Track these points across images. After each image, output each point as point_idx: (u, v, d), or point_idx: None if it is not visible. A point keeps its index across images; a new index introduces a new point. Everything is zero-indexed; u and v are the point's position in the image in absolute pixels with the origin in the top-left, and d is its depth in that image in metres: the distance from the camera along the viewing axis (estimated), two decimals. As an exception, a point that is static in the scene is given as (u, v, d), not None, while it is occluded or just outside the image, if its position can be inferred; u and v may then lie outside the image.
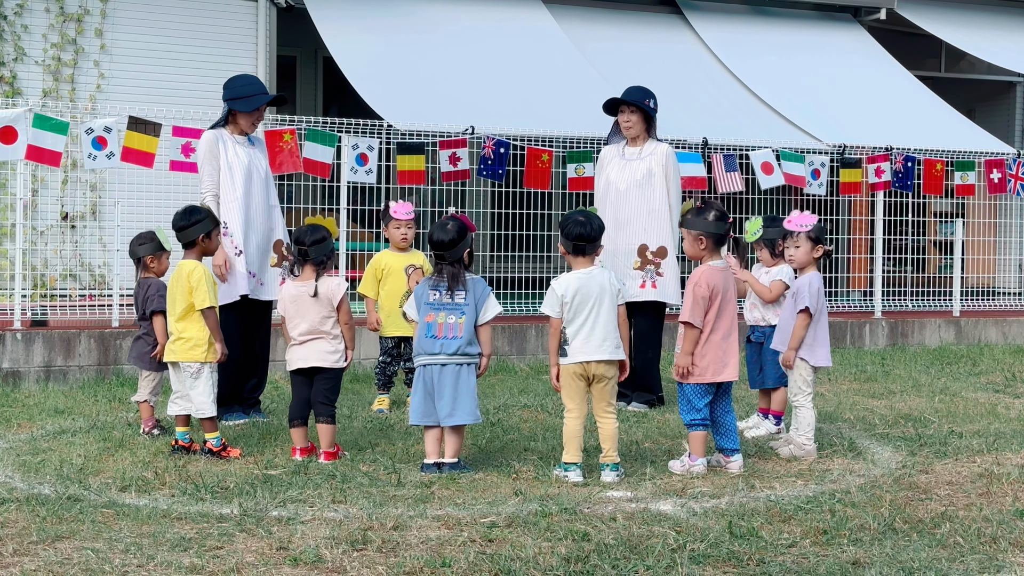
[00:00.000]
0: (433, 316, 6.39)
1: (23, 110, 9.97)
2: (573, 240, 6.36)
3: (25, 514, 5.38)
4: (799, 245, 7.01)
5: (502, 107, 12.50)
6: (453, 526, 5.22)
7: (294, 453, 6.78)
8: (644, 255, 8.70)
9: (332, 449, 6.74)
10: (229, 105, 8.04)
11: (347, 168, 11.15)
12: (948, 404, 8.95)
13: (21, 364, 9.86)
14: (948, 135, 14.18)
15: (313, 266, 6.83)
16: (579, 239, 6.35)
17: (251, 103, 8.03)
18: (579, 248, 6.37)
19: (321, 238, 6.82)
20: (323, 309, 6.78)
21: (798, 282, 7.02)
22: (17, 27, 11.95)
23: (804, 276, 7.02)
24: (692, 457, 6.43)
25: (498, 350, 11.30)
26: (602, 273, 6.37)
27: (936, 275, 14.95)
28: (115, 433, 7.45)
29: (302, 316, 6.79)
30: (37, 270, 11.75)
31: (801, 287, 6.94)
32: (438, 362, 6.37)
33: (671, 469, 6.41)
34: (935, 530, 5.20)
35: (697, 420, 6.45)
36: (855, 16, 15.96)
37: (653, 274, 8.70)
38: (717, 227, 6.49)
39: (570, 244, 6.37)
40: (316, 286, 6.78)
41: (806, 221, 7.00)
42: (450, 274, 6.41)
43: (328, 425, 6.75)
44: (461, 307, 6.38)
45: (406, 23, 13.40)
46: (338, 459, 6.69)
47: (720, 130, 12.88)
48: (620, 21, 14.76)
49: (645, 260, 8.69)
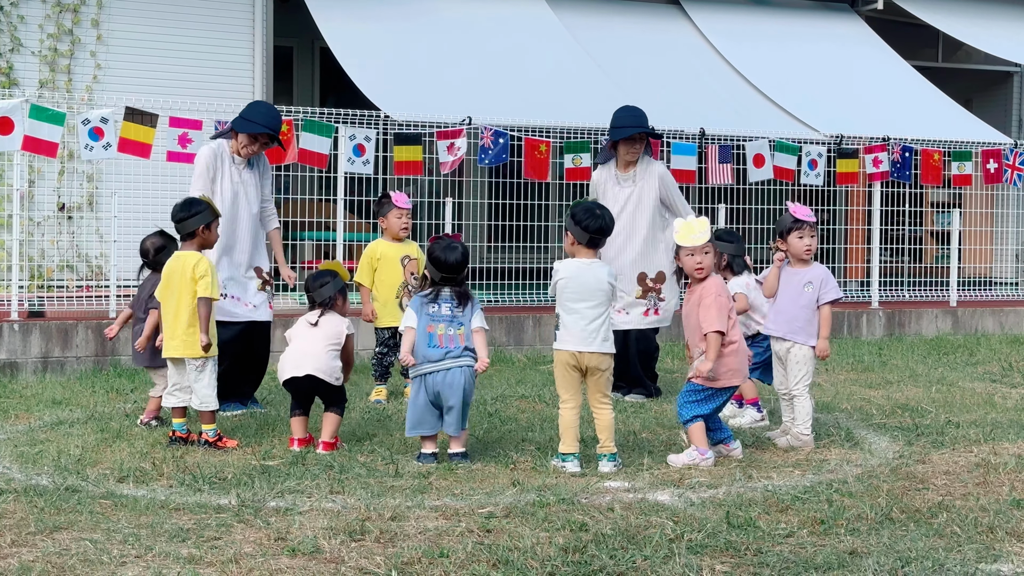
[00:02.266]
0: (433, 327, 6.42)
1: (19, 101, 9.95)
2: (592, 233, 6.35)
3: (23, 505, 5.38)
4: (814, 235, 7.03)
5: (499, 98, 12.48)
6: (451, 516, 5.22)
7: (292, 443, 6.78)
8: (644, 283, 8.69)
9: (332, 440, 6.75)
10: (231, 123, 8.04)
11: (344, 159, 11.14)
12: (945, 394, 8.96)
13: (18, 355, 9.86)
14: (945, 125, 14.17)
15: (320, 307, 6.97)
16: (598, 232, 6.36)
17: (248, 127, 7.95)
18: (595, 241, 6.39)
19: (323, 283, 7.01)
20: (329, 342, 6.84)
21: (820, 274, 7.01)
22: (13, 18, 11.93)
23: (819, 268, 7.04)
24: (701, 451, 6.42)
25: (496, 340, 11.30)
26: (602, 267, 6.38)
27: (933, 265, 14.96)
28: (113, 424, 7.45)
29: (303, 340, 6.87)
30: (34, 261, 11.74)
31: (825, 279, 6.98)
32: (444, 367, 6.38)
33: (673, 464, 6.37)
34: (932, 520, 5.20)
35: (698, 416, 6.47)
36: (852, 6, 15.95)
37: (655, 300, 8.72)
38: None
39: (586, 236, 6.36)
40: (320, 320, 6.89)
41: (808, 212, 7.03)
42: (458, 294, 6.49)
43: (336, 416, 6.82)
44: (460, 319, 6.45)
45: (403, 13, 13.38)
46: (335, 450, 6.70)
47: (717, 120, 12.87)
48: (618, 11, 14.75)
49: (646, 288, 8.69)
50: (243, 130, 7.98)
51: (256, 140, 8.03)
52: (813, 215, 7.04)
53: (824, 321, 6.99)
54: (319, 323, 6.89)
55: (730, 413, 7.89)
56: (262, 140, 8.06)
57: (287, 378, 6.85)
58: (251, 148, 8.04)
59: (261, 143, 8.07)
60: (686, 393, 6.54)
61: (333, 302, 7.01)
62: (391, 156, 11.32)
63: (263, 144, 8.09)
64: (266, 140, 8.08)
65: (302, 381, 6.79)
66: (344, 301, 7.09)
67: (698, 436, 6.45)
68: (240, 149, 8.02)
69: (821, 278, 6.98)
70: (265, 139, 8.07)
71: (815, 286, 6.95)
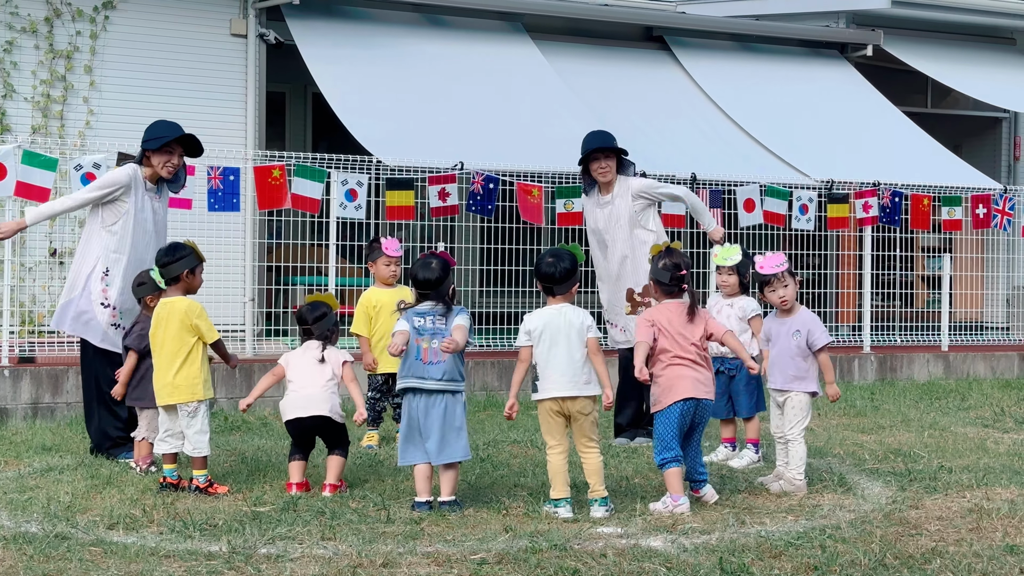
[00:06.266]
0: (419, 340, 6.41)
1: (12, 147, 9.98)
2: (541, 280, 6.48)
3: (12, 552, 5.34)
4: (787, 284, 7.02)
5: (491, 142, 12.53)
6: (443, 563, 5.19)
7: (289, 488, 6.74)
8: (632, 299, 8.72)
9: (337, 482, 6.75)
10: (143, 147, 8.05)
11: (336, 204, 11.16)
12: (938, 439, 8.95)
13: (8, 401, 9.82)
14: (935, 170, 14.23)
15: (319, 340, 6.94)
16: (545, 279, 6.45)
17: (158, 143, 7.97)
18: (547, 288, 6.47)
19: (323, 314, 6.98)
20: (334, 380, 6.85)
21: (807, 320, 7.03)
22: (7, 64, 11.97)
23: (805, 313, 7.07)
24: (674, 497, 6.39)
25: (488, 384, 11.28)
26: (572, 311, 6.41)
27: (924, 310, 14.98)
28: (103, 470, 7.41)
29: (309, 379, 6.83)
30: (25, 306, 11.71)
31: (814, 325, 7.01)
32: (425, 387, 6.35)
33: (652, 510, 6.35)
34: (926, 566, 5.19)
35: (669, 458, 6.44)
36: (842, 52, 16.05)
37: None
38: None
39: (539, 284, 6.49)
40: (323, 355, 6.87)
41: (779, 261, 7.01)
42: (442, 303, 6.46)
43: (341, 458, 6.82)
44: (443, 331, 6.41)
45: (395, 59, 13.45)
46: (340, 492, 6.69)
47: (707, 165, 12.92)
48: (608, 56, 14.83)
49: (635, 303, 8.71)
50: (157, 147, 7.98)
51: (173, 151, 8.04)
52: (781, 264, 7.02)
53: (825, 368, 7.03)
54: (325, 359, 6.85)
55: (725, 456, 7.90)
56: (178, 151, 8.07)
57: (292, 419, 6.82)
58: (172, 161, 8.04)
59: (178, 153, 8.08)
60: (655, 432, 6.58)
61: (332, 335, 6.97)
62: (383, 201, 11.35)
63: (180, 154, 8.09)
64: (181, 150, 8.07)
65: (307, 421, 6.76)
66: (338, 333, 7.09)
67: (671, 482, 6.42)
68: (161, 169, 8.02)
69: (808, 326, 7.00)
70: (179, 148, 8.06)
71: (802, 334, 6.98)
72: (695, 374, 6.51)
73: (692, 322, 6.55)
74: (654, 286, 6.76)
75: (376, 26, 13.66)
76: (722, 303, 7.98)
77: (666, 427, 6.46)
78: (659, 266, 6.70)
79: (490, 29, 14.22)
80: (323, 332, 6.94)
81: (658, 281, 6.69)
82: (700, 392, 6.51)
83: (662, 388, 6.51)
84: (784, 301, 7.01)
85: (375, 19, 13.74)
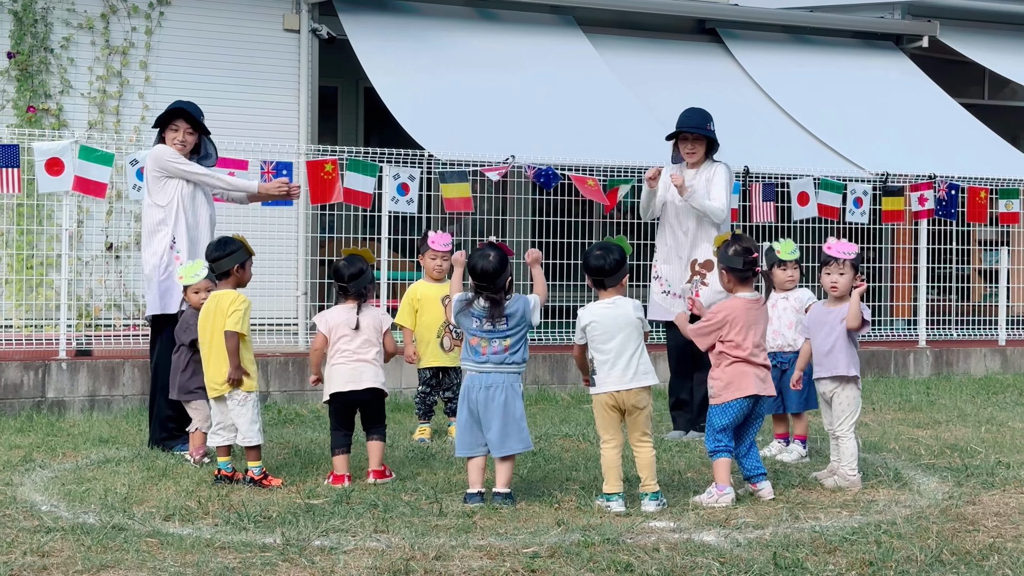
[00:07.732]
0: (476, 340, 6.40)
1: (69, 142, 10.09)
2: (591, 274, 6.43)
3: (70, 543, 5.40)
4: (843, 273, 6.94)
5: (542, 136, 12.51)
6: (495, 556, 5.20)
7: (338, 481, 6.77)
8: (692, 268, 8.72)
9: (381, 468, 6.77)
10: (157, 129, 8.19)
11: (388, 198, 11.20)
12: (995, 434, 8.85)
13: (66, 394, 9.94)
14: (992, 163, 14.06)
15: (354, 299, 6.88)
16: (595, 272, 6.41)
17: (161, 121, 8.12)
18: (598, 282, 6.42)
19: (360, 270, 6.89)
20: (377, 348, 6.83)
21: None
22: (64, 60, 12.11)
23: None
24: (719, 486, 6.37)
25: (539, 378, 11.29)
26: (626, 303, 6.37)
27: (981, 304, 14.80)
28: (159, 462, 7.48)
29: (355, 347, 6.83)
30: (82, 300, 11.85)
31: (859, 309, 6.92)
32: (484, 370, 6.35)
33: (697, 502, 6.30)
34: (983, 562, 5.13)
35: (720, 447, 6.43)
36: (897, 43, 15.89)
37: (698, 284, 8.70)
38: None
39: (589, 278, 6.45)
40: (358, 319, 6.83)
41: (849, 248, 6.94)
42: (491, 302, 6.39)
43: (381, 442, 6.85)
44: (504, 332, 6.37)
45: (446, 53, 13.47)
46: (388, 478, 6.71)
47: (761, 158, 12.83)
48: (659, 49, 14.77)
49: (693, 272, 8.70)
50: (162, 125, 8.10)
51: (178, 128, 8.10)
52: (849, 252, 6.94)
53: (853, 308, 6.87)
54: (360, 325, 6.80)
55: (778, 450, 7.87)
56: (184, 127, 8.11)
57: (338, 392, 6.81)
58: (178, 137, 8.10)
59: (184, 130, 8.12)
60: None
61: (370, 292, 6.91)
62: (435, 194, 11.37)
63: (186, 131, 8.12)
64: (187, 126, 8.11)
65: (359, 395, 6.77)
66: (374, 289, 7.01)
67: (719, 471, 6.40)
68: (173, 145, 8.10)
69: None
70: (184, 123, 8.10)
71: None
72: (757, 371, 6.49)
73: (759, 319, 6.54)
74: (726, 274, 6.61)
75: (427, 20, 13.70)
76: (776, 296, 7.93)
77: (721, 420, 6.44)
78: (729, 253, 6.58)
79: (541, 22, 14.21)
80: (359, 289, 6.87)
81: (731, 268, 6.58)
82: (762, 389, 6.49)
83: (724, 383, 6.48)
84: (835, 287, 6.93)
85: (426, 13, 13.77)
